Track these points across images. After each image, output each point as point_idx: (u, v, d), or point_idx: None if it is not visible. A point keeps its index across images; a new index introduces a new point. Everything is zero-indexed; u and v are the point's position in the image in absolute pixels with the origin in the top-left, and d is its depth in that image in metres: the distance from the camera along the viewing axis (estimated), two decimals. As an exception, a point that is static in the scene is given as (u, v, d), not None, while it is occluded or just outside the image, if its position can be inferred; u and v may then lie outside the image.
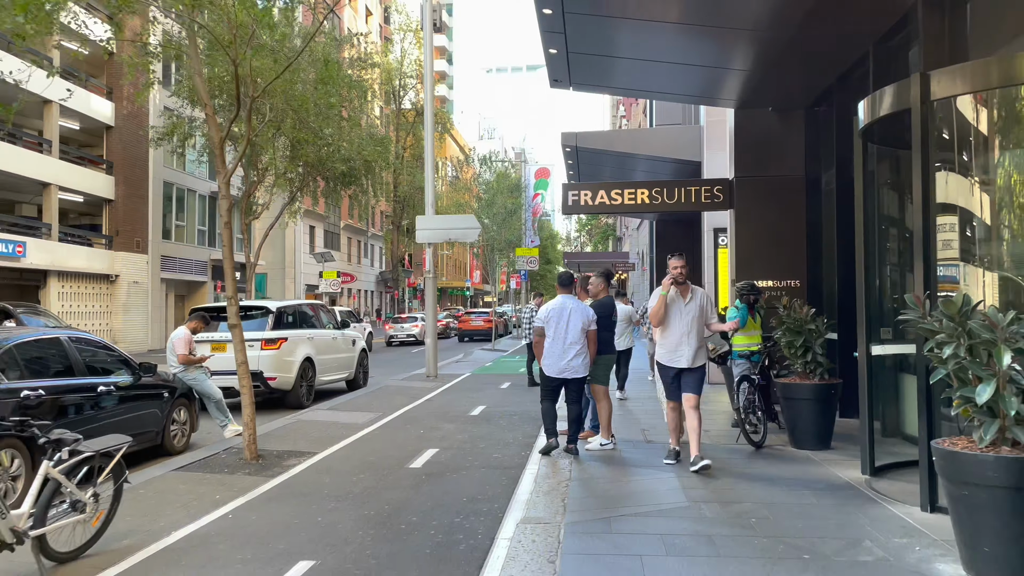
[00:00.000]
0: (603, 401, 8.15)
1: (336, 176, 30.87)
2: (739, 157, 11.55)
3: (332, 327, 14.44)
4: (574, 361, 7.59)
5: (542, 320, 7.71)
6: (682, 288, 7.28)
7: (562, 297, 7.77)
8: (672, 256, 7.45)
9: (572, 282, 7.93)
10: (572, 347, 7.58)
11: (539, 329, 7.72)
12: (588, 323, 7.70)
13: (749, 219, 11.49)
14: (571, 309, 7.64)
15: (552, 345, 7.63)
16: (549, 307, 7.75)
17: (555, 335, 7.61)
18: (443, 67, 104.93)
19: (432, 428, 10.18)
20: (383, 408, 12.06)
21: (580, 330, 7.62)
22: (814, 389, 7.81)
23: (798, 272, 11.33)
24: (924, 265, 5.57)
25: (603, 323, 8.21)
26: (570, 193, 12.00)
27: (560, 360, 7.59)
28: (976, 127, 6.44)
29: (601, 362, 8.16)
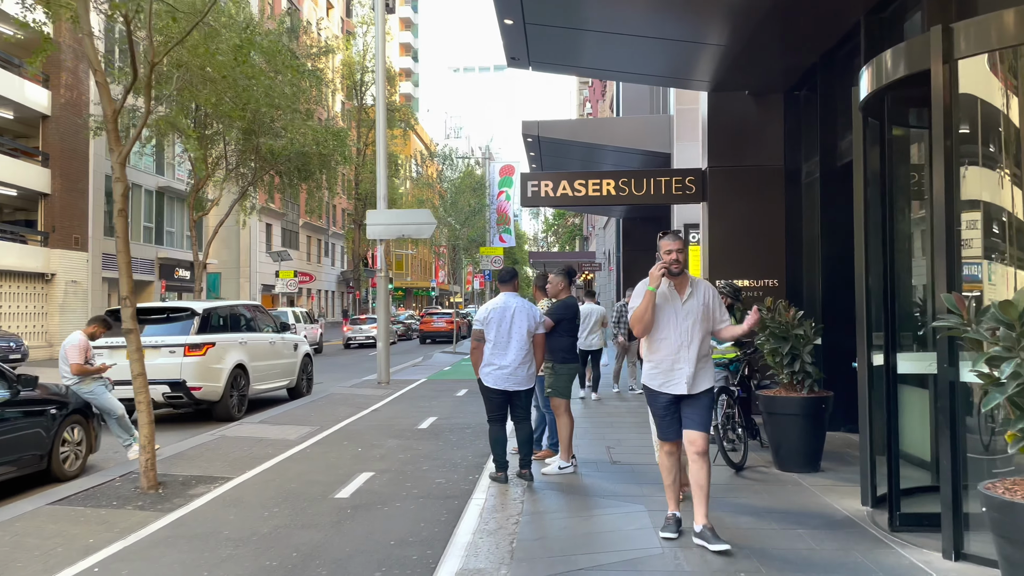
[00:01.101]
0: (563, 417, 7.08)
1: (291, 171, 29.59)
2: (713, 145, 10.58)
3: (271, 330, 13.20)
4: (519, 371, 6.52)
5: (481, 322, 6.62)
6: (678, 281, 5.08)
7: (505, 296, 6.70)
8: (665, 236, 5.11)
9: (514, 278, 6.85)
10: (516, 354, 6.52)
11: (478, 333, 6.64)
12: (535, 325, 6.65)
13: (723, 213, 10.53)
14: (515, 309, 6.57)
15: (493, 352, 6.55)
16: (489, 307, 6.66)
17: (496, 340, 6.54)
18: (408, 64, 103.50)
19: (372, 446, 9.03)
20: (322, 421, 10.87)
21: (526, 334, 6.57)
22: (802, 403, 6.83)
23: (776, 271, 10.39)
24: (947, 260, 4.58)
25: (564, 327, 7.16)
26: (529, 184, 10.94)
27: (502, 369, 6.52)
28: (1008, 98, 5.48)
29: (563, 372, 7.12)
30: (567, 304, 7.22)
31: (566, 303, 7.23)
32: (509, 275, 6.79)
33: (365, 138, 48.81)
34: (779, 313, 7.00)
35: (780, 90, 10.37)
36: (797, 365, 6.82)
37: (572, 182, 10.81)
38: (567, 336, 7.14)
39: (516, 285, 6.75)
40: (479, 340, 6.60)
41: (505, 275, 6.80)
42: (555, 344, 7.08)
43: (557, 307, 7.17)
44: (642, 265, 23.65)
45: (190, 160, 28.06)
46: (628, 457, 7.73)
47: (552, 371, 7.12)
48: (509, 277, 6.78)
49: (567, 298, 7.26)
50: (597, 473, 7.04)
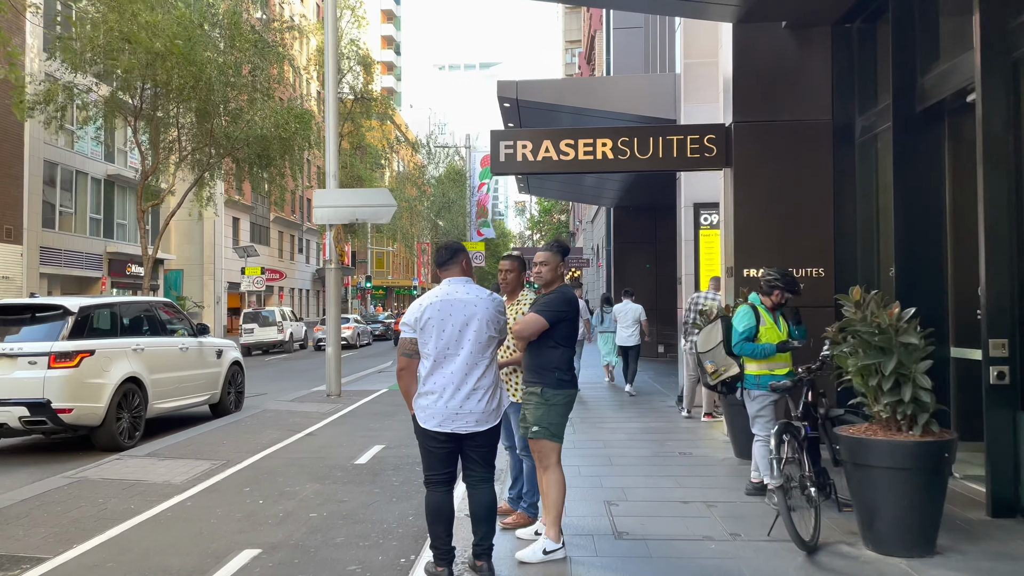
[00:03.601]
0: (552, 473, 4.58)
1: (251, 157, 26.97)
2: (740, 95, 8.16)
3: (185, 333, 10.66)
4: (476, 401, 4.05)
5: (411, 326, 4.13)
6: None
7: (449, 284, 4.21)
8: None
9: (458, 255, 4.27)
10: (470, 374, 4.06)
11: (407, 344, 4.14)
12: (500, 326, 4.19)
13: (753, 182, 8.11)
14: (465, 303, 4.11)
15: (433, 373, 4.09)
16: (424, 303, 4.16)
17: (438, 353, 4.07)
18: (390, 57, 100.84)
19: (280, 495, 6.54)
20: (233, 452, 8.37)
21: (486, 341, 4.10)
22: (914, 451, 4.41)
23: (822, 256, 7.99)
24: None
25: (562, 332, 4.59)
26: (503, 145, 8.47)
27: (448, 400, 4.05)
28: None
29: (556, 402, 4.57)
30: (566, 296, 4.67)
31: (564, 294, 4.70)
32: (450, 253, 4.26)
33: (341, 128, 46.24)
34: (873, 311, 4.56)
35: (827, 21, 7.97)
36: (906, 392, 4.38)
37: (557, 142, 8.35)
38: (563, 346, 4.61)
39: (465, 266, 4.28)
40: (410, 355, 4.12)
41: (444, 253, 4.27)
42: (546, 358, 4.59)
43: (553, 299, 4.65)
44: (634, 259, 21.25)
45: (138, 146, 25.42)
46: (639, 523, 5.28)
47: (539, 400, 4.62)
48: (450, 256, 4.25)
49: (563, 287, 4.75)
50: (597, 560, 4.58)
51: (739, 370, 5.91)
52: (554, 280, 4.74)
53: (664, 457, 7.48)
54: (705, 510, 5.53)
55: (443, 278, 4.18)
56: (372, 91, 47.01)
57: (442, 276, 4.19)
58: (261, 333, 29.48)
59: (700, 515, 5.41)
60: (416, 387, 4.09)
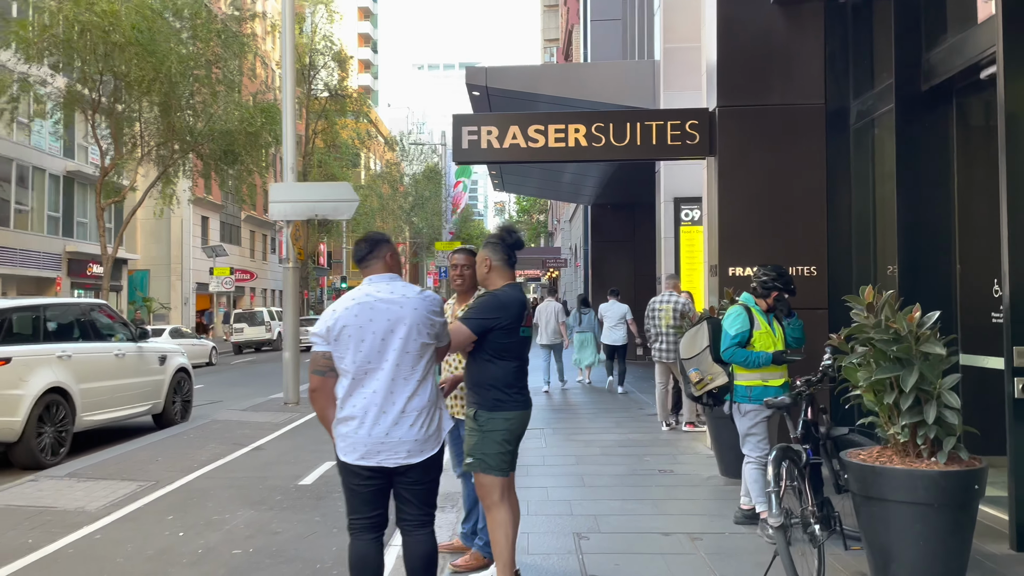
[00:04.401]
0: (498, 511, 3.78)
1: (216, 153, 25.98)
2: (725, 76, 7.44)
3: (124, 338, 9.78)
4: (403, 426, 3.24)
5: (323, 337, 3.31)
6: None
7: (370, 284, 3.39)
8: None
9: (380, 247, 3.45)
10: (396, 391, 3.26)
11: (319, 359, 3.32)
12: (437, 331, 3.39)
13: (738, 172, 7.40)
14: (389, 305, 3.30)
15: (352, 393, 3.28)
16: (336, 310, 3.33)
17: (356, 368, 3.26)
18: (367, 55, 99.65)
19: (207, 524, 5.73)
20: (165, 470, 7.53)
21: (418, 350, 3.30)
22: (939, 483, 3.69)
23: (814, 254, 7.29)
24: None
25: (496, 341, 3.79)
26: (466, 130, 7.70)
27: (371, 426, 3.24)
28: None
29: (496, 427, 3.77)
30: (499, 300, 3.86)
31: (497, 298, 3.87)
32: (370, 245, 3.44)
33: (315, 126, 45.25)
34: (888, 315, 3.84)
35: (820, -4, 7.29)
36: (930, 412, 3.66)
37: (526, 128, 7.58)
38: (501, 359, 3.81)
39: (390, 260, 3.46)
40: (323, 372, 3.32)
41: (363, 247, 3.44)
42: (481, 374, 3.83)
43: (481, 304, 3.86)
44: (613, 259, 20.58)
45: (96, 140, 24.35)
46: (613, 564, 4.53)
47: (471, 425, 3.86)
48: (369, 249, 3.43)
49: (501, 289, 3.98)
50: (559, 613, 3.83)
51: (728, 379, 5.20)
52: (490, 277, 3.96)
53: (642, 476, 6.74)
54: (688, 544, 4.80)
55: (364, 275, 3.40)
56: (347, 88, 46.05)
57: (364, 274, 3.41)
58: (251, 332, 30.86)
59: (683, 551, 4.67)
60: (334, 411, 3.31)
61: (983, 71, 5.43)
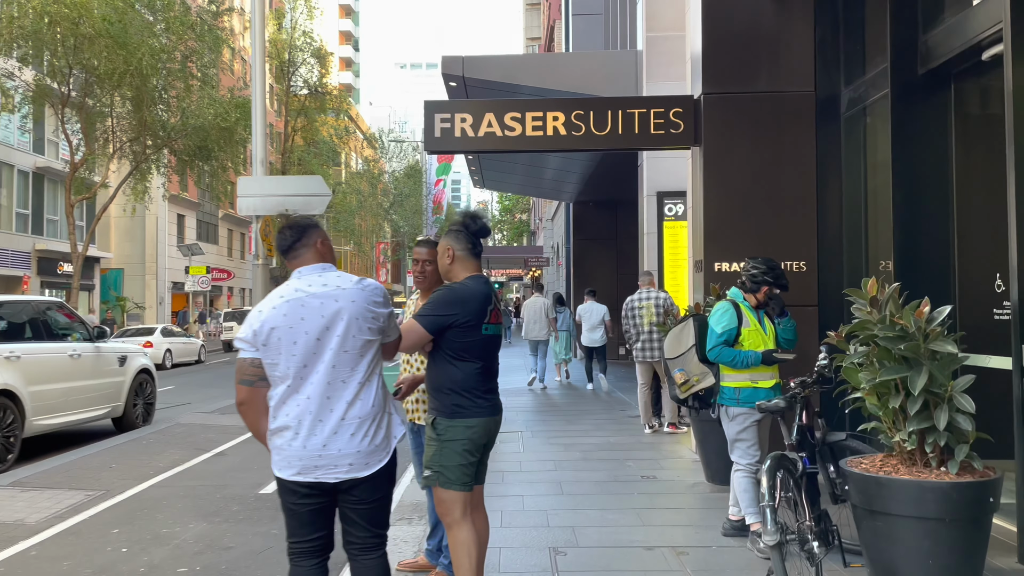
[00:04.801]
0: (459, 530, 3.36)
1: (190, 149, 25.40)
2: (711, 62, 7.09)
3: (80, 338, 9.30)
4: (343, 436, 2.81)
5: (250, 342, 2.87)
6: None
7: (298, 277, 2.93)
8: None
9: (309, 235, 2.98)
10: (335, 396, 2.83)
11: (245, 367, 2.88)
12: (381, 324, 2.94)
13: (725, 162, 7.05)
14: (320, 298, 2.85)
15: (285, 401, 2.85)
16: (262, 310, 2.88)
17: (292, 374, 2.83)
18: (349, 53, 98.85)
19: (155, 538, 5.29)
20: (118, 479, 7.08)
21: (357, 348, 2.86)
22: (951, 496, 3.33)
23: (804, 248, 6.95)
24: None
25: (452, 341, 3.36)
26: (438, 118, 7.29)
27: (306, 438, 2.81)
28: None
29: (455, 436, 3.36)
30: (456, 294, 3.40)
31: (454, 292, 3.42)
32: (296, 232, 2.96)
33: (294, 123, 44.66)
34: (893, 310, 3.49)
35: (810, -22, 6.96)
36: (941, 417, 3.30)
37: (502, 116, 7.19)
38: (464, 360, 3.39)
39: (321, 248, 3.00)
40: (251, 383, 2.88)
41: (288, 235, 2.96)
42: (440, 376, 3.43)
43: (436, 299, 3.41)
44: (595, 257, 20.22)
45: (66, 136, 23.68)
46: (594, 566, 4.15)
47: (430, 433, 3.46)
48: (296, 236, 2.95)
49: (467, 280, 3.54)
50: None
51: (715, 381, 4.84)
52: (453, 273, 3.56)
53: (624, 482, 6.37)
54: (674, 560, 4.42)
55: (292, 269, 2.98)
56: (327, 85, 45.48)
57: (291, 267, 2.98)
58: None
59: (668, 568, 4.30)
60: (266, 421, 2.90)
61: (985, 52, 5.11)
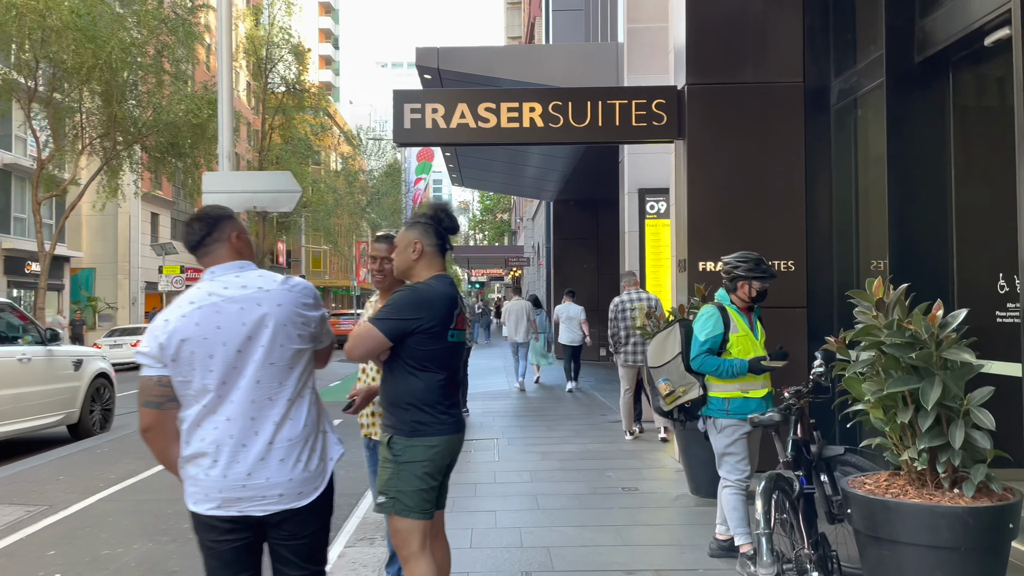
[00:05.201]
0: (419, 562, 2.93)
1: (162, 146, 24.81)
2: (695, 50, 6.74)
3: (32, 341, 8.79)
4: (271, 463, 2.39)
5: (155, 358, 2.43)
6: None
7: (211, 278, 2.51)
8: None
9: (221, 227, 2.54)
10: (260, 417, 2.40)
11: (150, 387, 2.44)
12: (313, 330, 2.53)
13: (710, 156, 6.70)
14: (240, 302, 2.43)
15: (200, 424, 2.42)
16: (169, 319, 2.44)
17: (209, 393, 2.41)
18: (329, 51, 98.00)
19: (93, 561, 4.85)
20: (65, 492, 6.61)
21: (286, 359, 2.44)
22: (967, 522, 2.98)
23: (792, 246, 6.63)
24: None
25: (414, 348, 2.95)
26: (408, 108, 6.89)
27: (227, 464, 2.38)
28: None
29: (408, 456, 2.95)
30: (420, 296, 2.99)
31: (417, 292, 3.01)
32: (207, 225, 2.53)
33: (271, 121, 44.00)
34: (901, 315, 3.13)
35: (799, -37, 6.63)
36: (956, 434, 2.95)
37: (475, 106, 6.80)
38: (427, 370, 2.98)
39: (236, 242, 2.56)
40: (157, 405, 2.44)
41: (197, 228, 2.53)
42: (399, 389, 3.02)
43: (397, 300, 3.00)
44: (575, 256, 19.89)
45: (32, 131, 22.99)
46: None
47: (385, 454, 3.05)
48: (207, 230, 2.52)
49: (431, 280, 3.13)
50: None
51: (702, 392, 4.47)
52: (414, 267, 3.16)
53: (603, 495, 6.00)
54: (657, 585, 4.06)
55: (204, 267, 2.57)
56: (305, 82, 44.87)
57: (203, 265, 2.57)
58: None
59: (651, 595, 3.93)
60: (177, 448, 2.49)
61: (989, 36, 4.79)
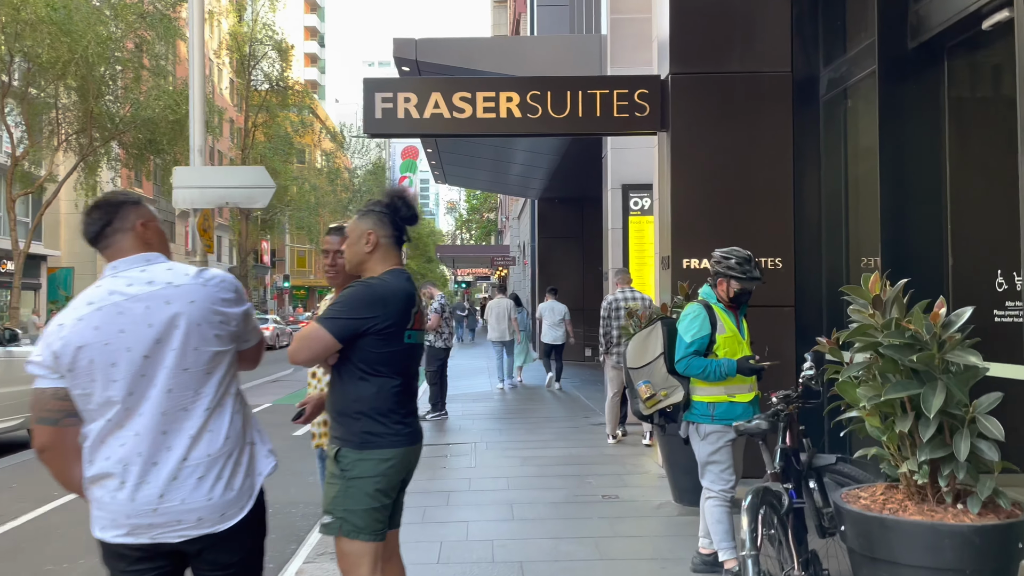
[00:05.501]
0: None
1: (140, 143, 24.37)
2: (679, 38, 6.46)
3: (-12, 342, 8.43)
4: (186, 483, 2.09)
5: (49, 368, 2.10)
6: None
7: (113, 275, 2.18)
8: None
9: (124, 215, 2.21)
10: (171, 431, 2.09)
11: (46, 399, 2.12)
12: (234, 330, 2.21)
13: (695, 149, 6.43)
14: (145, 300, 2.12)
15: (104, 441, 2.10)
16: (64, 324, 2.11)
17: (114, 406, 2.08)
18: (314, 49, 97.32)
19: (30, 580, 4.52)
20: (15, 501, 6.27)
21: (202, 365, 2.12)
22: (974, 542, 2.70)
23: (780, 242, 6.36)
24: None
25: (367, 351, 2.66)
26: (380, 97, 6.57)
27: (135, 485, 2.06)
28: None
29: (357, 471, 2.64)
30: (374, 292, 2.72)
31: (371, 289, 2.73)
32: (106, 213, 2.21)
33: (254, 119, 43.54)
34: (899, 313, 2.86)
35: (787, -52, 6.36)
36: (961, 444, 2.67)
37: (450, 96, 6.49)
38: (382, 374, 2.68)
39: (141, 230, 2.24)
40: (54, 422, 2.12)
41: (97, 216, 2.20)
42: (348, 396, 2.71)
43: (348, 297, 2.72)
44: (560, 255, 19.62)
45: (6, 127, 22.49)
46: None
47: (337, 470, 2.72)
48: (106, 218, 2.20)
49: (386, 276, 2.80)
50: None
51: (684, 395, 4.19)
52: (370, 265, 2.85)
53: (582, 504, 5.71)
54: (634, 605, 3.77)
55: (106, 259, 2.26)
56: (288, 79, 44.42)
57: (106, 258, 2.26)
58: None
59: (629, 617, 3.65)
60: (80, 468, 2.17)
61: (987, 20, 4.53)
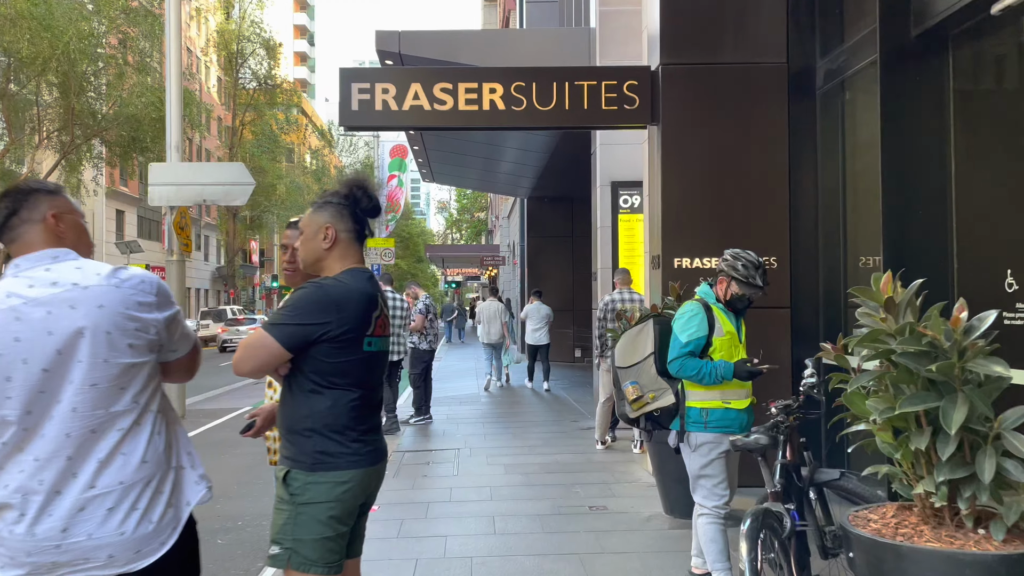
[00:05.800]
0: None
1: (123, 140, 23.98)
2: (670, 27, 6.18)
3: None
4: (93, 516, 1.78)
5: None
6: None
7: (15, 274, 1.88)
8: None
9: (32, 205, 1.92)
10: (78, 455, 1.78)
11: None
12: (153, 339, 1.91)
13: (686, 144, 6.15)
14: (47, 304, 1.82)
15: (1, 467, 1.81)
16: None
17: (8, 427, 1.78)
18: (304, 48, 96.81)
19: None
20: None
21: (111, 378, 1.82)
22: (996, 571, 2.41)
23: (776, 241, 6.09)
24: None
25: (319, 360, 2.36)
26: (357, 88, 6.26)
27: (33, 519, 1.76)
28: None
29: (308, 496, 2.35)
30: (327, 294, 2.39)
31: (324, 291, 2.41)
32: (14, 201, 1.92)
33: (242, 117, 43.13)
34: (914, 316, 2.57)
35: (783, -67, 6.09)
36: (986, 465, 2.39)
37: (430, 87, 6.18)
38: (337, 387, 2.38)
39: (58, 223, 1.96)
40: None
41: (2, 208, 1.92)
42: (298, 410, 2.41)
43: (297, 300, 2.41)
44: (549, 255, 19.36)
45: (-15, 121, 22.09)
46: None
47: (286, 495, 2.42)
48: (11, 209, 1.91)
49: (343, 275, 2.48)
50: None
51: (675, 399, 3.90)
52: (327, 263, 2.55)
53: (568, 516, 5.42)
54: (623, 633, 3.48)
55: (13, 258, 1.96)
56: (277, 77, 44.01)
57: (12, 254, 1.95)
58: (216, 328, 33.10)
59: (615, 647, 3.35)
60: None
61: (995, 4, 4.26)
